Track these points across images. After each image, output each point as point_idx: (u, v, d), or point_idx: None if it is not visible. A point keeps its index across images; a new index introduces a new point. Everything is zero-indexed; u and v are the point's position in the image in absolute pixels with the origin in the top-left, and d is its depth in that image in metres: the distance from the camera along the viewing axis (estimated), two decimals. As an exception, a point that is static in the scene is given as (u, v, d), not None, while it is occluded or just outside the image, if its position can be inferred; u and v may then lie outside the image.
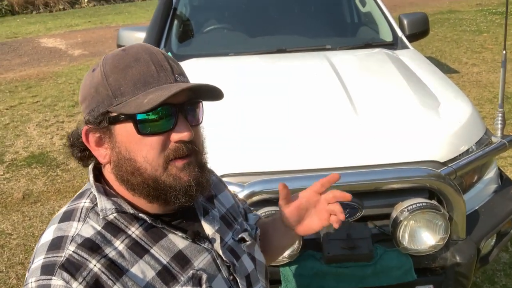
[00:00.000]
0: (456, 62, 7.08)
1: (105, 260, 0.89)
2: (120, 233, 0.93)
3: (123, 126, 0.91)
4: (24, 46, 9.85)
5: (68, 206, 0.98)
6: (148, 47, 0.95)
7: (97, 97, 0.92)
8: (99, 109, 0.91)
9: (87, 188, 1.00)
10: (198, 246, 1.00)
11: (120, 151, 0.92)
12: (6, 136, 5.19)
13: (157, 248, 0.95)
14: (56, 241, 0.90)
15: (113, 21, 12.41)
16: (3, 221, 3.62)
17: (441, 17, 10.43)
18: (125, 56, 0.92)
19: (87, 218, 0.93)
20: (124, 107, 0.89)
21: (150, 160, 0.91)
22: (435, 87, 2.44)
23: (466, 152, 2.08)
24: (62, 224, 0.93)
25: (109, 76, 0.91)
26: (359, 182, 1.90)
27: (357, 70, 2.65)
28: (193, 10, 3.58)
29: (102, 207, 0.93)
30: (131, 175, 0.92)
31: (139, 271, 0.91)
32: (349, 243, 1.81)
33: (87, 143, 0.96)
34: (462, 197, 1.91)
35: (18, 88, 6.91)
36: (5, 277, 2.99)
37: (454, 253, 1.93)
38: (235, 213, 1.19)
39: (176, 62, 0.98)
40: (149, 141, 0.90)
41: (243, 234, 1.12)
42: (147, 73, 0.90)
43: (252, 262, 1.12)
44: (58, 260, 0.87)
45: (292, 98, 2.33)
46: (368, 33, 3.40)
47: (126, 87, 0.89)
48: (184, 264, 0.96)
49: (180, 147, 0.92)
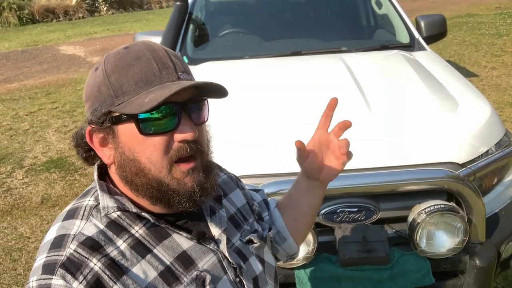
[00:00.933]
0: (475, 65, 6.99)
1: (106, 259, 0.88)
2: (123, 232, 0.92)
3: (126, 126, 0.89)
4: (44, 54, 10.02)
5: (73, 204, 0.97)
6: (151, 45, 0.93)
7: (100, 96, 0.90)
8: (102, 109, 0.89)
9: (92, 187, 0.99)
10: (203, 247, 0.98)
11: (124, 151, 0.91)
12: (26, 141, 5.27)
13: (161, 248, 0.93)
14: (58, 239, 0.89)
15: (131, 29, 12.56)
16: (22, 225, 3.66)
17: (459, 20, 10.32)
18: (126, 54, 0.90)
19: (90, 216, 0.92)
20: (125, 107, 0.87)
21: (154, 160, 0.89)
22: (453, 88, 2.40)
23: (486, 154, 2.04)
24: (65, 222, 0.92)
25: (110, 75, 0.89)
26: (375, 184, 1.87)
27: (373, 71, 2.63)
28: (208, 14, 3.60)
29: (104, 205, 0.92)
30: (135, 175, 0.91)
31: (140, 271, 0.89)
32: (365, 246, 1.78)
33: (91, 143, 0.95)
34: (481, 199, 1.87)
35: (38, 95, 7.02)
36: (23, 280, 3.02)
37: (474, 257, 1.88)
38: (246, 213, 1.16)
39: (181, 59, 0.95)
40: (152, 141, 0.89)
41: (252, 236, 1.09)
42: (149, 72, 0.88)
43: (261, 264, 1.09)
44: (59, 259, 0.86)
45: (308, 100, 2.31)
46: (385, 35, 3.37)
47: (128, 86, 0.87)
48: (188, 265, 0.94)
49: (183, 147, 0.89)
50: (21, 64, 9.27)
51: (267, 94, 2.42)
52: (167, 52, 0.92)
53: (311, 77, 2.59)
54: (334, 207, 1.89)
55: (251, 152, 2.01)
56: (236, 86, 2.50)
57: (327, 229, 1.93)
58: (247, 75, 2.67)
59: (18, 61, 9.51)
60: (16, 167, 4.64)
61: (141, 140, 0.89)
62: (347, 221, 1.90)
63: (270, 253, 1.15)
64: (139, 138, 0.89)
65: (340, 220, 1.90)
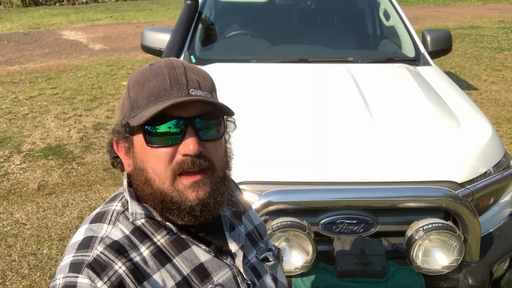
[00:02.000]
0: (476, 79, 7.04)
1: (130, 263, 0.91)
2: (146, 239, 0.96)
3: (139, 137, 0.95)
4: (46, 38, 9.98)
5: (101, 208, 1.01)
6: (172, 62, 0.96)
7: (123, 109, 0.97)
8: (123, 121, 0.97)
9: (120, 192, 1.03)
10: (220, 261, 1.01)
11: (137, 161, 0.96)
12: (25, 126, 5.26)
13: (180, 258, 0.97)
14: (86, 241, 0.94)
15: (135, 18, 12.52)
16: (18, 211, 3.67)
17: (462, 32, 10.37)
18: (148, 70, 0.96)
19: (117, 221, 0.97)
20: (135, 119, 0.92)
21: (158, 172, 0.93)
22: (457, 107, 2.44)
23: (484, 175, 2.08)
24: (93, 225, 0.97)
25: (130, 90, 0.95)
26: (375, 199, 1.91)
27: (378, 85, 2.66)
28: (218, 14, 3.62)
29: (133, 211, 0.96)
30: (143, 185, 0.96)
31: (160, 279, 0.93)
32: (362, 259, 1.82)
33: (118, 151, 1.01)
34: (478, 220, 1.91)
35: (38, 79, 7.00)
36: (18, 267, 3.03)
37: (467, 275, 1.93)
38: (262, 231, 1.20)
39: (202, 74, 0.97)
40: (157, 152, 0.92)
41: (267, 254, 1.12)
42: (161, 87, 0.92)
43: (274, 283, 1.13)
44: (86, 259, 0.90)
45: (313, 109, 2.34)
46: (391, 47, 3.41)
47: (141, 100, 0.93)
48: (204, 278, 0.98)
49: (186, 160, 0.91)
50: (23, 46, 9.23)
51: (273, 101, 2.44)
52: (185, 68, 0.95)
53: (317, 86, 2.62)
54: (333, 218, 1.93)
55: (255, 158, 2.03)
56: (243, 91, 2.53)
57: (325, 239, 1.97)
58: (254, 80, 2.70)
59: (19, 43, 9.47)
60: (14, 152, 4.64)
61: (148, 151, 0.93)
62: (345, 232, 1.94)
63: (282, 273, 1.19)
64: (147, 149, 0.93)
65: (339, 231, 1.93)
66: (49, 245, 3.24)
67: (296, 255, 1.86)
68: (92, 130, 5.17)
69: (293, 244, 1.86)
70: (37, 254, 3.16)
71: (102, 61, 8.08)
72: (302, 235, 1.82)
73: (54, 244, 3.25)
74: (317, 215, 1.94)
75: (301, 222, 1.83)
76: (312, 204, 1.91)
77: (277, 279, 1.15)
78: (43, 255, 3.15)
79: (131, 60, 8.15)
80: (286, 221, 1.82)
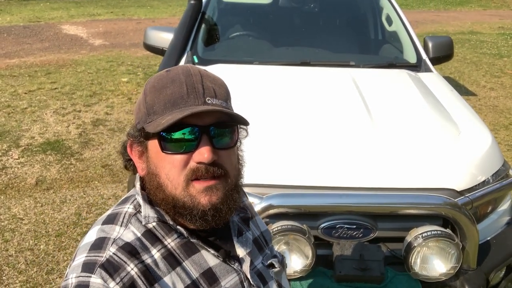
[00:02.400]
0: (474, 84, 7.07)
1: (141, 265, 0.93)
2: (157, 242, 0.97)
3: (154, 143, 0.96)
4: (46, 31, 9.95)
5: (112, 210, 1.03)
6: (189, 69, 0.97)
7: (139, 113, 0.98)
8: (138, 126, 0.98)
9: (131, 194, 1.04)
10: (228, 266, 1.02)
11: (150, 165, 0.98)
12: (23, 120, 5.26)
13: (189, 262, 0.98)
14: (98, 241, 0.95)
15: (135, 14, 12.50)
16: (16, 205, 3.67)
17: (462, 37, 10.40)
18: (165, 76, 0.97)
19: (129, 223, 0.98)
20: (151, 125, 0.94)
21: (171, 178, 0.94)
22: (457, 115, 2.45)
23: (483, 183, 2.09)
24: (105, 226, 0.98)
25: (147, 95, 0.96)
26: (374, 205, 1.92)
27: (380, 90, 2.67)
28: (221, 15, 3.62)
29: (146, 214, 0.98)
30: (156, 189, 0.97)
31: (170, 282, 0.94)
32: (361, 264, 1.83)
33: (131, 154, 1.02)
34: (476, 228, 1.92)
35: (38, 73, 6.98)
36: (15, 262, 3.03)
37: (464, 283, 1.94)
38: (268, 237, 1.22)
39: (218, 82, 0.98)
40: (171, 159, 0.94)
41: (273, 260, 1.14)
42: (178, 94, 0.93)
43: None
44: (99, 259, 0.91)
45: (314, 114, 2.35)
46: (393, 52, 3.42)
47: (158, 107, 0.94)
48: (212, 282, 0.99)
49: (200, 168, 0.93)
50: (22, 40, 9.20)
51: (274, 104, 2.45)
52: (202, 76, 0.96)
53: (319, 91, 2.63)
54: (333, 223, 1.94)
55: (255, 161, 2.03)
56: (244, 93, 2.54)
57: (325, 243, 1.98)
58: (255, 83, 2.70)
59: (19, 37, 9.44)
60: (12, 146, 4.64)
61: (163, 157, 0.94)
62: (345, 237, 1.95)
63: (286, 279, 1.20)
64: (161, 155, 0.94)
65: (338, 236, 1.95)
66: (46, 241, 3.25)
67: (295, 259, 1.87)
68: (91, 126, 5.17)
69: (292, 247, 1.87)
70: (34, 249, 3.17)
71: (102, 57, 8.06)
72: (302, 239, 1.83)
73: (51, 240, 3.26)
74: (317, 219, 1.95)
75: (301, 226, 1.85)
76: (312, 209, 1.92)
77: (281, 285, 1.16)
78: (40, 250, 3.15)
79: (131, 57, 8.14)
80: (286, 225, 1.83)
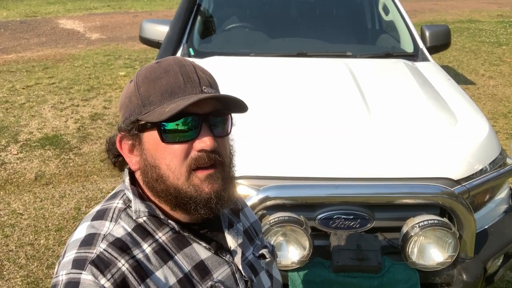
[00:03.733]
0: (473, 73, 7.05)
1: (133, 261, 0.92)
2: (148, 236, 0.97)
3: (150, 134, 0.95)
4: (43, 26, 9.91)
5: (101, 205, 1.02)
6: (180, 60, 0.98)
7: (130, 106, 0.96)
8: (131, 118, 0.96)
9: (120, 189, 1.03)
10: (220, 258, 1.02)
11: (147, 158, 0.96)
12: (22, 115, 5.25)
13: (181, 255, 0.98)
14: (88, 238, 0.94)
15: (132, 7, 12.44)
16: (15, 201, 3.68)
17: (460, 26, 10.36)
18: (157, 67, 0.96)
19: (119, 218, 0.97)
20: (150, 116, 0.93)
21: (173, 168, 0.93)
22: (454, 104, 2.45)
23: (480, 172, 2.09)
24: (95, 222, 0.97)
25: (140, 87, 0.95)
26: (372, 195, 1.93)
27: (376, 80, 2.67)
28: (217, 7, 3.60)
29: (136, 209, 0.97)
30: (155, 182, 0.96)
31: (162, 276, 0.94)
32: (358, 254, 1.83)
33: (121, 149, 1.01)
34: (473, 217, 1.93)
35: (35, 68, 6.97)
36: (15, 256, 3.05)
37: (461, 271, 1.95)
38: (257, 228, 1.22)
39: (208, 73, 1.00)
40: (172, 149, 0.93)
41: (263, 251, 1.14)
42: (175, 84, 0.93)
43: (269, 280, 1.15)
44: (89, 256, 0.90)
45: (311, 105, 2.35)
46: (390, 42, 3.41)
47: (154, 97, 0.93)
48: (204, 275, 0.99)
49: (202, 156, 0.93)
50: (19, 35, 9.17)
51: (271, 96, 2.45)
52: (194, 67, 0.97)
53: (315, 81, 2.62)
54: (330, 213, 1.94)
55: (252, 153, 2.04)
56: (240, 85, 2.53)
57: (322, 234, 1.98)
58: (252, 75, 2.70)
59: (16, 32, 9.40)
60: (11, 141, 4.64)
61: (162, 147, 0.94)
62: (342, 227, 1.95)
63: (277, 269, 1.21)
64: (161, 146, 0.94)
65: (335, 226, 1.95)
66: (46, 236, 3.26)
67: (293, 250, 1.88)
68: (89, 120, 5.17)
69: (290, 239, 1.87)
70: (34, 244, 3.18)
71: (99, 51, 8.04)
72: (299, 230, 1.84)
73: (51, 235, 3.27)
74: (314, 210, 1.95)
75: (298, 217, 1.85)
76: (309, 200, 1.93)
77: (272, 275, 1.17)
78: (40, 245, 3.16)
79: (129, 50, 8.12)
80: (283, 216, 1.84)
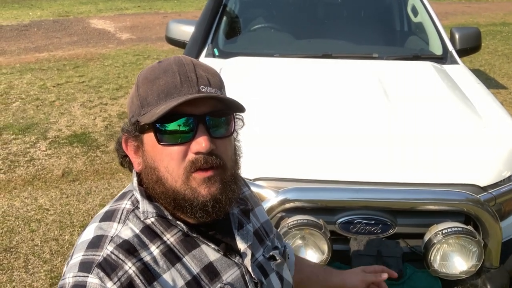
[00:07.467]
0: (506, 77, 6.86)
1: (140, 263, 0.91)
2: (156, 238, 0.95)
3: (149, 136, 0.94)
4: (75, 26, 10.12)
5: (110, 206, 1.01)
6: (181, 59, 0.96)
7: (132, 107, 0.96)
8: (132, 119, 0.96)
9: (129, 190, 1.02)
10: (229, 260, 1.00)
11: (147, 159, 0.95)
12: (51, 113, 5.37)
13: (189, 257, 0.96)
14: (96, 239, 0.93)
15: (162, 8, 12.58)
16: (42, 196, 3.76)
17: (493, 29, 10.10)
18: (157, 68, 0.95)
19: (127, 220, 0.96)
20: (145, 117, 0.92)
21: (171, 170, 0.92)
22: (483, 108, 2.37)
23: (508, 179, 2.02)
24: (103, 224, 0.96)
25: (139, 87, 0.94)
26: (394, 200, 1.88)
27: (403, 84, 2.61)
28: (242, 7, 3.59)
29: (144, 209, 0.95)
30: (155, 183, 0.95)
31: (170, 279, 0.92)
32: (378, 261, 1.79)
33: (126, 150, 1.00)
34: (499, 225, 1.86)
35: (66, 67, 7.11)
36: (40, 251, 3.11)
37: (485, 281, 1.89)
38: (268, 228, 1.19)
39: (211, 72, 0.97)
40: (169, 151, 0.92)
41: (274, 252, 1.12)
42: (171, 84, 0.91)
43: (280, 281, 1.12)
44: (96, 258, 0.89)
45: (334, 107, 2.32)
46: (418, 44, 3.34)
47: (151, 98, 0.92)
48: (213, 277, 0.97)
49: (199, 158, 0.91)
50: (52, 34, 9.38)
51: (293, 97, 2.42)
52: (194, 65, 0.95)
53: (340, 84, 2.58)
54: (351, 218, 1.91)
55: (272, 154, 2.02)
56: (263, 86, 2.52)
57: (341, 238, 1.95)
58: (275, 75, 2.68)
59: (48, 31, 9.63)
60: (40, 138, 4.74)
61: (160, 149, 0.93)
62: (363, 232, 1.92)
63: (288, 271, 1.18)
64: (158, 148, 0.93)
65: (356, 231, 1.92)
66: (71, 231, 3.31)
67: (311, 254, 1.85)
68: (116, 119, 5.24)
69: (308, 242, 1.85)
70: (59, 239, 3.23)
71: (128, 51, 8.16)
72: (318, 234, 1.81)
73: (75, 231, 3.32)
74: (334, 214, 1.92)
75: (318, 220, 1.82)
76: (329, 203, 1.90)
77: (283, 277, 1.14)
78: (65, 241, 3.22)
79: (157, 50, 8.21)
80: (302, 219, 1.81)
